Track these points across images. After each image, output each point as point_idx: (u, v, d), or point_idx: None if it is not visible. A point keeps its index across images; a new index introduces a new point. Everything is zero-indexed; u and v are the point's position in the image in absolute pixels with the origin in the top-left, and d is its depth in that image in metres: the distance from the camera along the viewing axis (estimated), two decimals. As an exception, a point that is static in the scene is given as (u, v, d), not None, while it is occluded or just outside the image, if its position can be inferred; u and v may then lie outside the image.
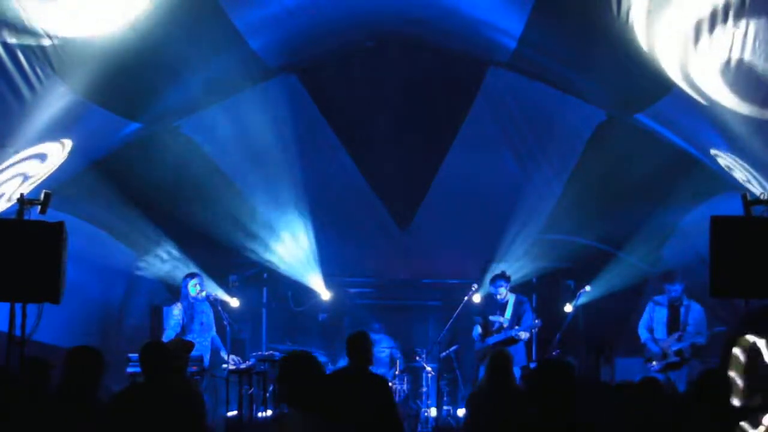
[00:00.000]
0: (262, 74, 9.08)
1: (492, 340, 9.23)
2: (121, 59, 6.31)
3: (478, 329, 9.36)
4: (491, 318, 9.37)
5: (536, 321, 9.22)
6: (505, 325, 9.24)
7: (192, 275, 9.02)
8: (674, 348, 8.40)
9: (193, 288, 8.82)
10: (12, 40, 5.26)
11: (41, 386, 5.26)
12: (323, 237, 10.65)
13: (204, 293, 8.84)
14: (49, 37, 5.47)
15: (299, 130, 9.79)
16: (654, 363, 8.48)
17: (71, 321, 8.44)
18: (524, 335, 9.13)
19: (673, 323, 8.55)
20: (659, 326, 8.62)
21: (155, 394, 4.94)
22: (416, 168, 10.29)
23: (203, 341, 8.76)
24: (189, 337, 8.43)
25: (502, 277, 9.43)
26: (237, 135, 9.54)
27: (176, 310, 8.79)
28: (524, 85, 9.21)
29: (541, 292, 10.79)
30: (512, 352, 8.15)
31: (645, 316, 8.79)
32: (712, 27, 5.33)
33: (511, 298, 9.39)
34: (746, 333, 6.38)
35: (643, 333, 8.74)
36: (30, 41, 5.40)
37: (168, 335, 8.50)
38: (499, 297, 9.31)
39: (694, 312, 8.49)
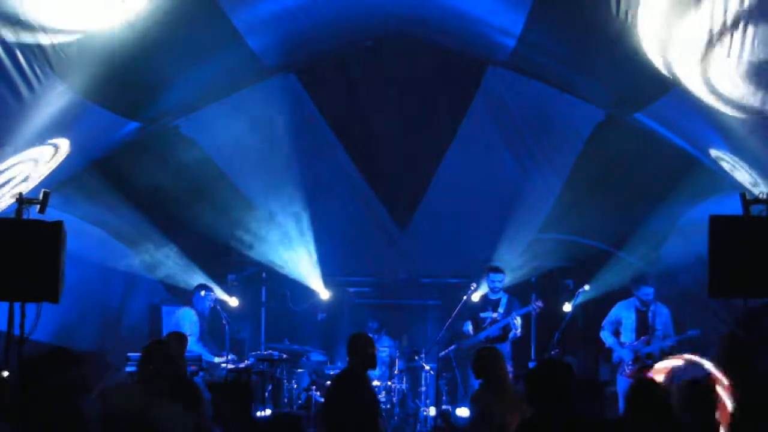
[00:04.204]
0: (261, 73, 9.08)
1: (483, 334, 9.29)
2: (120, 58, 6.30)
3: (469, 326, 9.42)
4: (482, 315, 9.44)
5: (537, 303, 9.33)
6: (499, 319, 9.32)
7: (208, 287, 9.27)
8: (644, 351, 8.43)
9: (210, 301, 9.12)
10: (11, 38, 5.26)
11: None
12: (322, 236, 10.65)
13: None
14: (45, 31, 5.45)
15: (298, 130, 9.79)
16: (627, 368, 8.48)
17: (70, 320, 8.45)
18: (519, 321, 9.20)
19: (642, 327, 8.55)
20: (627, 331, 8.62)
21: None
22: (415, 167, 10.29)
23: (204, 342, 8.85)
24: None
25: (499, 269, 9.53)
26: (236, 134, 9.54)
27: (194, 316, 8.95)
28: (523, 84, 9.20)
29: (540, 291, 10.79)
30: (501, 348, 8.22)
31: (611, 320, 8.79)
32: (712, 28, 5.33)
33: (504, 297, 9.48)
34: (743, 333, 6.40)
35: (608, 338, 8.75)
36: (29, 39, 5.39)
37: (192, 342, 8.44)
38: (497, 285, 9.41)
39: (662, 315, 8.52)
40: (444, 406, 9.82)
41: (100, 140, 8.14)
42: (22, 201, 6.03)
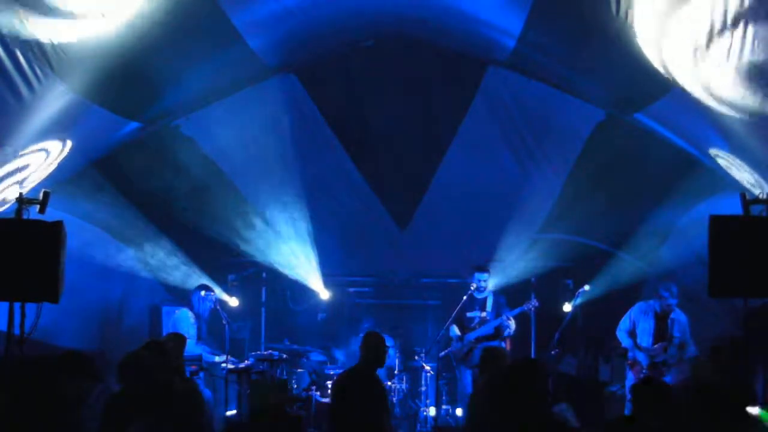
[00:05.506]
0: (261, 73, 9.08)
1: (473, 335, 9.28)
2: (120, 58, 6.30)
3: (455, 329, 9.41)
4: (469, 315, 9.44)
5: (533, 301, 9.34)
6: (488, 318, 9.31)
7: (209, 288, 9.26)
8: (661, 358, 8.40)
9: (210, 302, 9.08)
10: (11, 38, 5.26)
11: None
12: (322, 236, 10.65)
13: None
14: (45, 31, 5.46)
15: (298, 129, 9.79)
16: (642, 371, 8.44)
17: (70, 320, 8.45)
18: (512, 322, 9.20)
19: (660, 333, 8.48)
20: (644, 335, 8.53)
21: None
22: (415, 167, 10.29)
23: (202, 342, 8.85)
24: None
25: (485, 268, 9.60)
26: (236, 134, 9.54)
27: (191, 318, 8.93)
28: (523, 84, 9.21)
29: (539, 291, 10.78)
30: None
31: (626, 322, 8.72)
32: (712, 31, 5.34)
33: (490, 296, 9.50)
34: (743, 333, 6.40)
35: (624, 338, 8.65)
36: (29, 39, 5.39)
37: (190, 345, 8.44)
38: (482, 285, 9.42)
39: (680, 323, 8.44)
40: (443, 406, 9.83)
41: (100, 140, 8.14)
42: (22, 201, 6.04)
